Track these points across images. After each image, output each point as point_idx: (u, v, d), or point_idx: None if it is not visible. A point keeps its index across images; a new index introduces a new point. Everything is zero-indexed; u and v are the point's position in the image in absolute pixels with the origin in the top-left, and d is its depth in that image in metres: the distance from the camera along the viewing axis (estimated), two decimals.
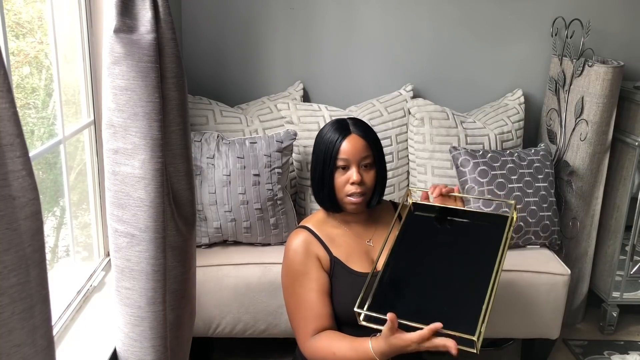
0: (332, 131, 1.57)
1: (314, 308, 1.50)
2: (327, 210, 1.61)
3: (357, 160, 1.53)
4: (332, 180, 1.54)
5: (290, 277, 1.55)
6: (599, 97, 2.40)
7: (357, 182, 1.52)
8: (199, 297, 1.98)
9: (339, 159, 1.53)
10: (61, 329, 1.51)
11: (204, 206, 2.14)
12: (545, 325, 2.22)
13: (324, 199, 1.58)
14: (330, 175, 1.54)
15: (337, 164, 1.53)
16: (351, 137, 1.54)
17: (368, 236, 1.63)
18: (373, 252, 1.60)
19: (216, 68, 2.63)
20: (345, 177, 1.54)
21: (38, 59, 1.59)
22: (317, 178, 1.57)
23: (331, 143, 1.54)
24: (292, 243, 1.57)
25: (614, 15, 2.66)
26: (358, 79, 2.68)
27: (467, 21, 2.65)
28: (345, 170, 1.54)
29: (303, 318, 1.51)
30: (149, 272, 1.31)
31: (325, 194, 1.56)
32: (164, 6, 1.28)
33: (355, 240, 1.61)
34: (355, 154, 1.53)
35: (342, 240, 1.59)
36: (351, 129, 1.56)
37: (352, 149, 1.53)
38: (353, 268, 1.55)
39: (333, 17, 2.61)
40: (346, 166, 1.54)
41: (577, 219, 2.56)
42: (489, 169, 2.29)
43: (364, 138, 1.55)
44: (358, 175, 1.52)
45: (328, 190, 1.55)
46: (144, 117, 1.24)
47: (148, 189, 1.27)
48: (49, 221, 1.69)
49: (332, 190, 1.55)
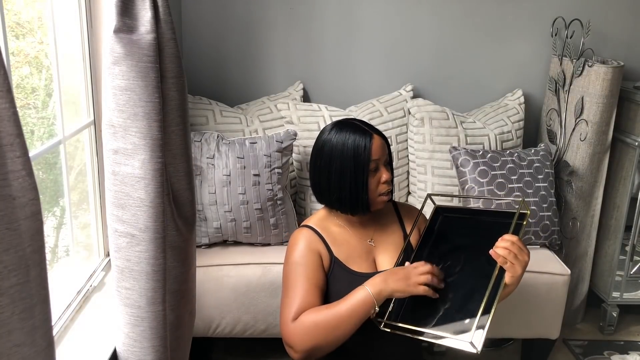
0: (354, 134, 1.54)
1: (302, 295, 1.47)
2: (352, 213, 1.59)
3: (383, 160, 1.56)
4: (367, 183, 1.53)
5: (287, 266, 1.55)
6: (599, 97, 2.40)
7: (389, 180, 1.55)
8: (199, 297, 1.98)
9: (372, 161, 1.52)
10: (61, 329, 1.51)
11: (204, 206, 2.14)
12: (545, 325, 2.22)
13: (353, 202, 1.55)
14: (365, 178, 1.52)
15: (371, 167, 1.53)
16: (375, 139, 1.54)
17: (369, 236, 1.63)
18: (375, 252, 1.61)
19: (216, 68, 2.63)
20: (377, 178, 1.55)
21: (38, 59, 1.59)
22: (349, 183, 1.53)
23: (360, 147, 1.52)
24: (296, 237, 1.58)
25: (614, 15, 2.66)
26: (358, 79, 2.68)
27: (467, 21, 2.65)
28: (375, 172, 1.55)
29: (289, 303, 1.48)
30: (149, 272, 1.31)
31: (359, 196, 1.54)
32: (164, 6, 1.28)
33: (357, 240, 1.61)
34: (382, 154, 1.55)
35: (344, 240, 1.60)
36: (371, 132, 1.56)
37: (379, 150, 1.54)
38: (353, 268, 1.55)
39: (333, 17, 2.61)
40: (376, 167, 1.55)
41: (577, 219, 2.56)
42: (489, 169, 2.29)
43: (382, 137, 1.58)
44: (388, 174, 1.55)
45: (363, 193, 1.53)
46: (144, 117, 1.24)
47: (148, 189, 1.27)
48: (49, 221, 1.69)
49: (366, 192, 1.53)
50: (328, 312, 1.41)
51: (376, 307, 1.41)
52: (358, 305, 1.40)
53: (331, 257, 1.56)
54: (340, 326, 1.40)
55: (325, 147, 1.55)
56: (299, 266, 1.53)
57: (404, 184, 2.50)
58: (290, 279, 1.53)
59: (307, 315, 1.43)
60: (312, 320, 1.42)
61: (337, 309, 1.41)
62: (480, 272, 1.40)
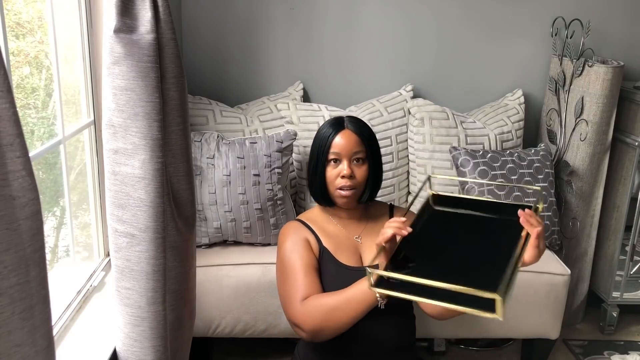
0: (327, 127, 1.63)
1: (304, 278, 1.52)
2: (319, 203, 1.67)
3: (348, 154, 1.58)
4: (324, 173, 1.60)
5: (281, 257, 1.60)
6: (599, 97, 2.40)
7: (347, 175, 1.57)
8: (199, 297, 1.98)
9: (331, 152, 1.59)
10: (61, 329, 1.51)
11: (204, 206, 2.14)
12: (545, 325, 2.22)
13: (316, 192, 1.64)
14: (322, 168, 1.60)
15: (329, 158, 1.59)
16: (344, 132, 1.60)
17: (357, 232, 1.66)
18: (361, 248, 1.64)
19: (216, 68, 2.63)
20: (337, 170, 1.59)
21: (38, 59, 1.59)
22: (310, 171, 1.63)
23: (324, 137, 1.60)
24: (284, 231, 1.65)
25: (614, 15, 2.66)
26: (358, 79, 2.68)
27: (467, 21, 2.65)
28: (337, 164, 1.59)
29: (294, 286, 1.52)
30: (149, 272, 1.31)
31: (317, 186, 1.62)
32: (164, 6, 1.28)
33: (344, 235, 1.65)
34: (347, 148, 1.58)
35: (333, 233, 1.64)
36: (345, 125, 1.62)
37: (344, 143, 1.59)
38: (340, 260, 1.58)
39: (333, 17, 2.61)
40: (337, 160, 1.59)
41: (577, 219, 2.56)
42: (489, 169, 2.29)
43: (356, 133, 1.60)
44: (348, 169, 1.57)
45: (320, 183, 1.61)
46: (144, 117, 1.24)
47: (148, 189, 1.27)
48: (49, 221, 1.69)
49: (323, 183, 1.60)
50: (334, 297, 1.46)
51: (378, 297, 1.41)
52: (360, 294, 1.43)
53: (320, 246, 1.60)
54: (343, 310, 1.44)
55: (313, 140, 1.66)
56: (293, 253, 1.58)
57: (404, 184, 2.50)
58: (288, 268, 1.57)
59: (315, 299, 1.49)
60: (320, 302, 1.47)
61: (343, 295, 1.45)
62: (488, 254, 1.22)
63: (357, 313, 1.44)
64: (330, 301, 1.46)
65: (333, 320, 1.45)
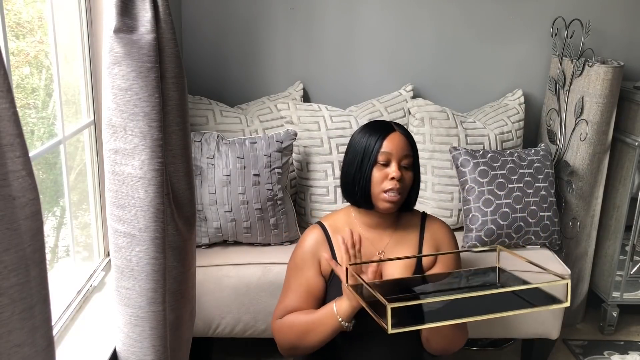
0: (375, 129, 1.55)
1: (292, 297, 1.56)
2: (358, 205, 1.58)
3: (398, 157, 1.52)
4: (370, 175, 1.51)
5: (289, 264, 1.62)
6: (599, 97, 2.40)
7: (396, 177, 1.49)
8: (199, 297, 1.98)
9: (381, 152, 1.51)
10: (61, 329, 1.51)
11: (204, 206, 2.14)
12: (545, 325, 2.22)
13: (357, 193, 1.54)
14: (369, 169, 1.51)
15: (378, 159, 1.51)
16: (395, 134, 1.54)
17: (382, 245, 1.60)
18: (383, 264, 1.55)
19: (216, 68, 2.63)
20: (384, 172, 1.51)
21: (38, 59, 1.59)
22: (352, 173, 1.54)
23: (373, 138, 1.53)
24: (306, 238, 1.61)
25: (614, 15, 2.66)
26: (358, 79, 2.68)
27: (467, 21, 2.65)
28: (384, 167, 1.52)
29: (281, 301, 1.58)
30: (149, 272, 1.31)
31: (361, 187, 1.52)
32: (164, 6, 1.28)
33: (367, 249, 1.57)
34: (398, 151, 1.52)
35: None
36: (395, 128, 1.56)
37: (394, 145, 1.52)
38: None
39: (333, 17, 2.61)
40: (386, 163, 1.52)
41: (577, 219, 2.56)
42: (489, 169, 2.29)
43: (406, 137, 1.56)
44: (398, 171, 1.50)
45: (364, 184, 1.52)
46: (144, 117, 1.24)
47: (148, 189, 1.27)
48: (49, 221, 1.69)
49: (368, 184, 1.51)
50: (303, 318, 1.49)
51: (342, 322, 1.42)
52: (325, 317, 1.45)
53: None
54: (310, 333, 1.47)
55: (349, 142, 1.59)
56: (298, 270, 1.58)
57: None
58: (288, 279, 1.60)
59: (289, 317, 1.52)
60: (290, 321, 1.51)
61: (311, 316, 1.48)
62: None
63: (324, 336, 1.45)
64: (302, 321, 1.49)
65: (304, 340, 1.48)
